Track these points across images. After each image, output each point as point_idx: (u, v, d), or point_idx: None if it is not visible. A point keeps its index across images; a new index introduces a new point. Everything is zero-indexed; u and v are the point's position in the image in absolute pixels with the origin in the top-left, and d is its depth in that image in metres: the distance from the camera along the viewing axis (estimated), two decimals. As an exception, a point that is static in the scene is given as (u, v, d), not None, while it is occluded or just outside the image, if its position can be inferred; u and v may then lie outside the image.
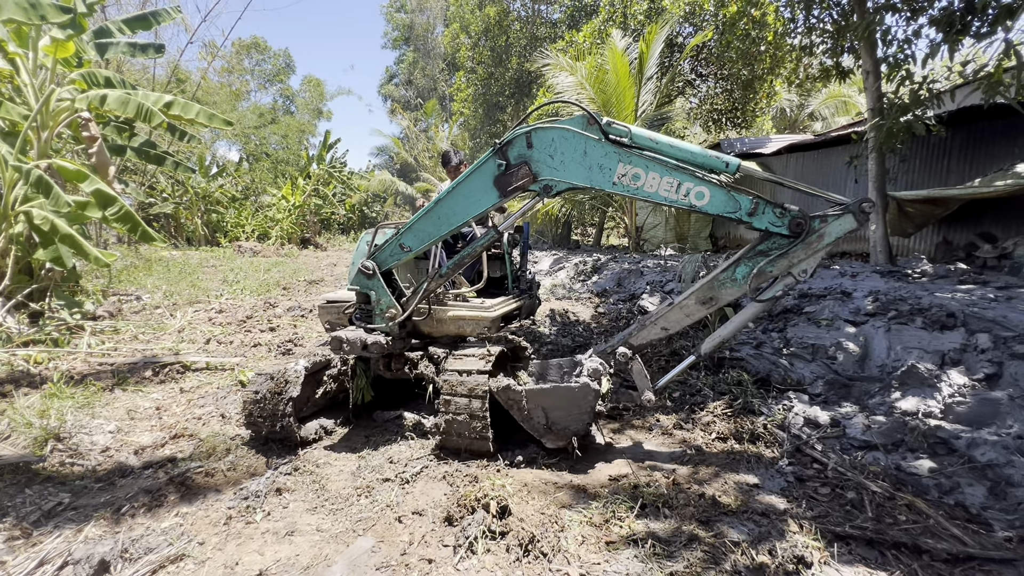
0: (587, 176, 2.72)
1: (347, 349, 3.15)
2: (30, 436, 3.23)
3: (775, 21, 11.43)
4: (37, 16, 5.02)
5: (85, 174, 5.84)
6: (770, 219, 2.61)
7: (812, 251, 2.63)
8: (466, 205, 2.93)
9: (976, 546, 2.15)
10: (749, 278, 2.70)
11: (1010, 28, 4.89)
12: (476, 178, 2.87)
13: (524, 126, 2.78)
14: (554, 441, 2.98)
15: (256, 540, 2.34)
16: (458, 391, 2.98)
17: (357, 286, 3.28)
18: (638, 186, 2.66)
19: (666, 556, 2.14)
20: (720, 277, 2.80)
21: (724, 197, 2.60)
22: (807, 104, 23.48)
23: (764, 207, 2.59)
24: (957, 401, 3.33)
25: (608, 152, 2.66)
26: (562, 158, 2.73)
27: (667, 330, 3.00)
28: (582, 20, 18.70)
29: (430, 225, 3.03)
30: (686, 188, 2.61)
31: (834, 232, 2.60)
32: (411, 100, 39.01)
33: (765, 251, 2.70)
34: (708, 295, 2.85)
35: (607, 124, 2.66)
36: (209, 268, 12.01)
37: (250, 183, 24.05)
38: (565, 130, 2.71)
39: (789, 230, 2.60)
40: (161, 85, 16.65)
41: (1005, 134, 7.82)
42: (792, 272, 2.67)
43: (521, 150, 2.77)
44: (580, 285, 10.27)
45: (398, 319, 3.24)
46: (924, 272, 6.31)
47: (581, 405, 2.86)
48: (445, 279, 3.32)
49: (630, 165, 2.65)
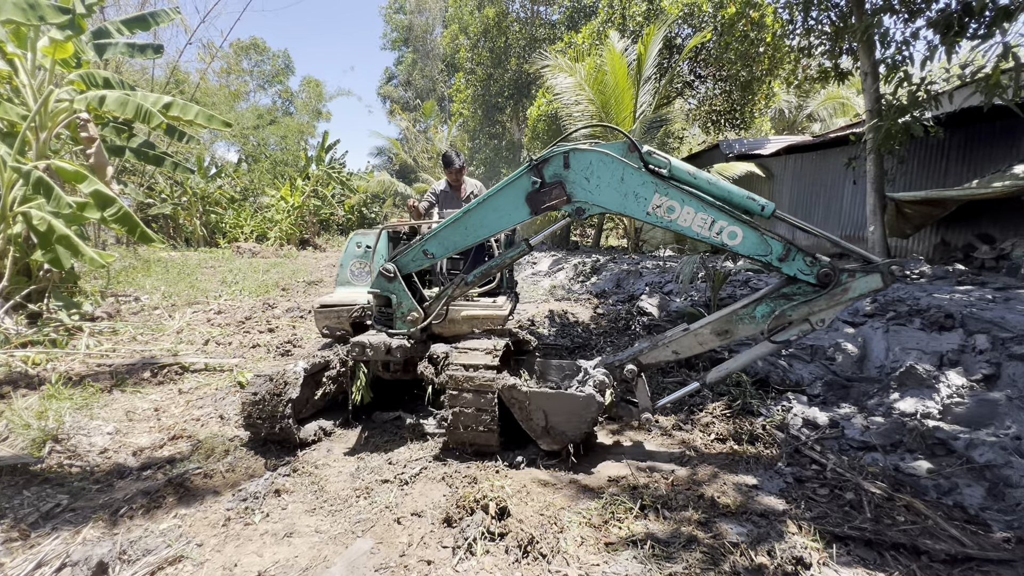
0: (621, 203, 2.71)
1: (371, 354, 3.14)
2: (28, 437, 3.22)
3: (773, 23, 11.46)
4: (36, 17, 5.02)
5: (84, 175, 5.83)
6: (800, 267, 2.63)
7: (834, 303, 2.64)
8: (495, 218, 2.91)
9: (975, 547, 2.15)
10: (768, 318, 2.72)
11: (1007, 30, 4.91)
12: (508, 192, 2.84)
13: (563, 145, 2.75)
14: (550, 444, 2.99)
15: (255, 541, 2.34)
16: (465, 386, 2.97)
17: (377, 288, 3.24)
18: (672, 219, 2.66)
19: (665, 557, 2.14)
20: (740, 312, 2.82)
21: (757, 239, 2.61)
22: (806, 105, 23.55)
23: (795, 254, 2.61)
24: (955, 402, 3.33)
25: (646, 181, 2.65)
26: (598, 182, 2.71)
27: (678, 354, 3.02)
28: (581, 21, 18.73)
29: (457, 235, 3.00)
30: (720, 226, 2.62)
31: (860, 288, 2.60)
32: (410, 101, 39.03)
33: (788, 295, 2.72)
34: (724, 327, 2.87)
35: (647, 153, 2.67)
36: (208, 269, 12.00)
37: (249, 184, 24.03)
38: (605, 154, 2.68)
39: (816, 279, 2.61)
40: (160, 86, 16.65)
41: (1003, 135, 7.85)
42: (810, 319, 2.69)
43: (558, 169, 2.74)
44: (579, 286, 10.27)
45: (420, 323, 3.20)
46: (922, 273, 6.32)
47: (583, 414, 2.87)
48: (471, 287, 3.31)
49: (666, 197, 2.64)
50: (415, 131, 31.55)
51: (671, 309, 6.62)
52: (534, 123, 17.19)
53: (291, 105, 38.88)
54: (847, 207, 10.55)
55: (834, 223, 10.88)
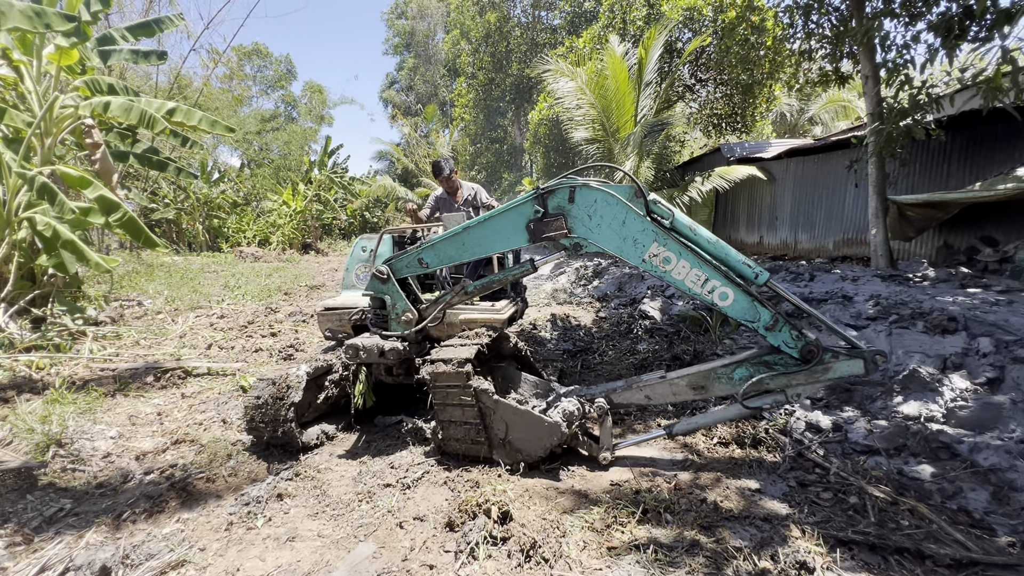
0: (619, 246, 2.72)
1: (364, 356, 3.14)
2: (32, 442, 3.24)
3: (774, 26, 11.49)
4: (42, 24, 5.07)
5: (88, 180, 5.87)
6: (785, 338, 2.64)
7: (813, 380, 2.66)
8: (494, 240, 2.94)
9: (979, 551, 2.14)
10: (745, 383, 2.73)
11: (1008, 34, 4.91)
12: (510, 216, 2.87)
13: (571, 179, 2.77)
14: (502, 456, 2.97)
15: (257, 546, 2.34)
16: (441, 383, 2.95)
17: (372, 291, 3.26)
18: (667, 270, 2.67)
19: (668, 562, 2.13)
20: (718, 371, 2.84)
21: (747, 304, 2.62)
22: (807, 109, 23.55)
23: (783, 326, 2.61)
24: (959, 405, 3.32)
25: (647, 228, 2.65)
26: (599, 221, 2.73)
27: (650, 399, 3.06)
28: (582, 26, 18.82)
29: (453, 249, 3.04)
30: (712, 285, 2.62)
31: (840, 371, 2.62)
32: (412, 106, 39.18)
33: (770, 363, 2.73)
34: (701, 383, 2.89)
35: (653, 202, 2.69)
36: (211, 273, 12.04)
37: (251, 189, 24.13)
38: (610, 195, 2.69)
39: (799, 354, 2.62)
40: (164, 91, 16.76)
41: (1005, 138, 7.84)
42: (786, 391, 2.71)
43: (562, 202, 2.76)
44: (581, 290, 10.27)
45: (414, 326, 3.21)
46: (925, 276, 6.31)
47: (543, 439, 2.85)
48: (470, 297, 3.33)
49: (664, 248, 2.65)
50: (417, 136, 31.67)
51: (673, 313, 6.61)
52: (535, 127, 17.26)
53: (294, 110, 39.08)
54: (849, 210, 10.53)
55: (836, 226, 10.87)
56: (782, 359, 2.69)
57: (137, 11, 17.73)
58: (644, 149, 12.77)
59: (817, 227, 11.35)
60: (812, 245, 11.43)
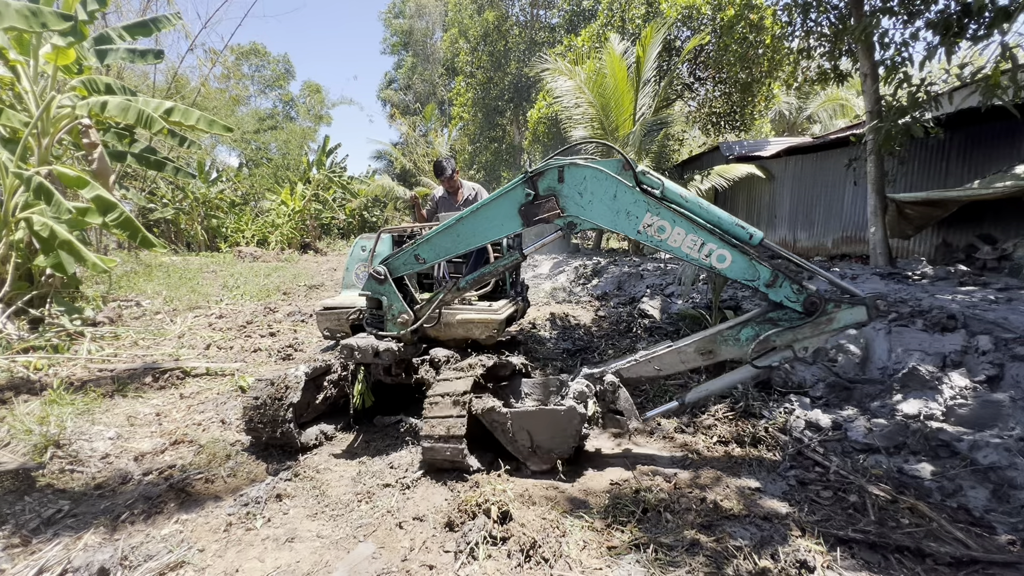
0: (613, 220, 2.74)
1: (359, 357, 3.13)
2: (30, 443, 3.22)
3: (772, 24, 11.49)
4: (38, 24, 5.04)
5: (86, 180, 5.85)
6: (786, 293, 2.66)
7: (819, 332, 2.68)
8: (487, 228, 2.94)
9: (979, 549, 2.14)
10: (752, 342, 2.74)
11: (1006, 31, 4.91)
12: (502, 203, 2.87)
13: (558, 159, 2.77)
14: (538, 464, 2.93)
15: (256, 547, 2.33)
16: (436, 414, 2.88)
17: (368, 291, 3.25)
18: (662, 238, 2.69)
19: (668, 561, 2.13)
20: (724, 333, 2.84)
21: (745, 264, 2.65)
22: (805, 107, 23.57)
23: (783, 281, 2.63)
24: (959, 403, 3.32)
25: (638, 200, 2.67)
26: (591, 198, 2.74)
27: (660, 371, 3.04)
28: (580, 25, 18.80)
29: (448, 241, 3.03)
30: (709, 248, 2.65)
31: (844, 320, 2.64)
32: (410, 105, 39.11)
33: (774, 320, 2.74)
34: (708, 347, 2.88)
35: (642, 173, 2.71)
36: (209, 273, 12.01)
37: (250, 188, 24.09)
38: (599, 171, 2.71)
39: (802, 307, 2.65)
40: (161, 91, 16.72)
41: (1004, 136, 7.85)
42: (793, 347, 2.71)
43: (552, 183, 2.77)
44: (580, 289, 10.27)
45: (410, 326, 3.20)
46: (924, 274, 6.31)
47: (567, 428, 2.82)
48: (463, 292, 3.31)
49: (657, 216, 2.67)
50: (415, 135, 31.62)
51: (672, 311, 6.61)
52: (534, 126, 17.22)
53: (292, 109, 39.00)
54: (848, 208, 10.54)
55: (835, 224, 10.87)
56: (786, 314, 2.71)
57: (134, 10, 17.69)
58: (643, 148, 12.76)
59: (816, 225, 11.36)
60: (811, 243, 11.44)
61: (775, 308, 2.73)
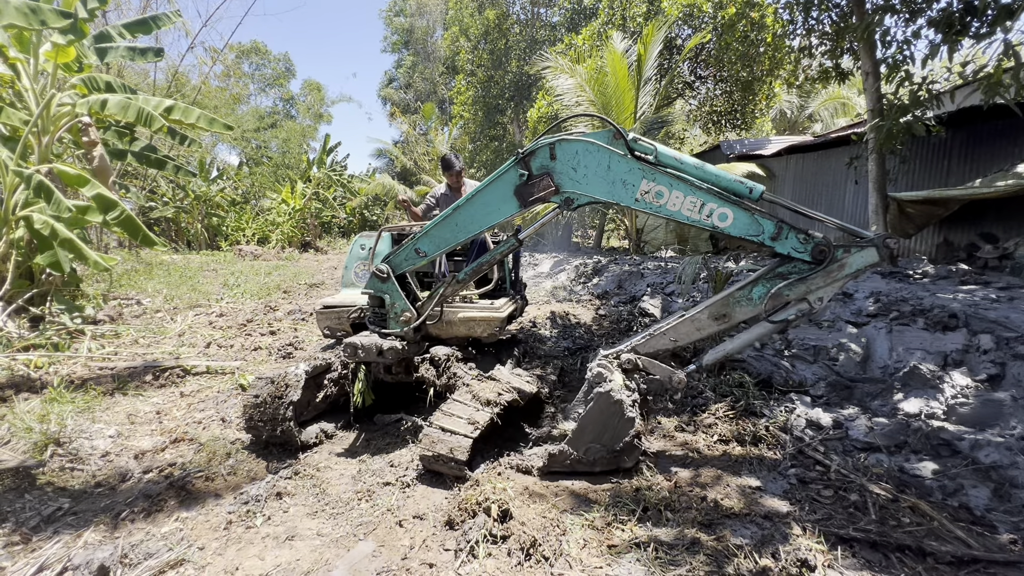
0: (609, 191, 2.71)
1: (362, 355, 3.14)
2: (30, 441, 3.22)
3: (774, 23, 11.45)
4: (38, 21, 5.04)
5: (86, 178, 5.85)
6: (793, 244, 2.62)
7: (831, 279, 2.62)
8: (485, 213, 2.92)
9: (980, 548, 2.13)
10: (765, 299, 2.70)
11: (1009, 29, 4.89)
12: (497, 187, 2.85)
13: (548, 137, 2.75)
14: (624, 462, 2.86)
15: (256, 545, 2.33)
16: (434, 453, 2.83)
17: (371, 289, 3.25)
18: (661, 204, 2.66)
19: (669, 560, 2.13)
20: (736, 295, 2.79)
21: (748, 219, 2.61)
22: (807, 106, 23.53)
23: (788, 232, 2.60)
24: (960, 402, 3.31)
25: (632, 168, 2.65)
26: (585, 171, 2.72)
27: (676, 342, 2.98)
28: (581, 23, 18.75)
29: (447, 231, 3.02)
30: (709, 208, 2.61)
31: (856, 263, 2.58)
32: (410, 103, 39.08)
33: (784, 274, 2.69)
34: (722, 311, 2.83)
35: (633, 140, 2.67)
36: (209, 272, 12.01)
37: (250, 187, 24.07)
38: (590, 143, 2.68)
39: (811, 257, 2.60)
40: (161, 89, 16.70)
41: (1005, 134, 7.82)
42: (808, 298, 2.66)
43: (544, 161, 2.75)
44: (581, 287, 10.26)
45: (413, 323, 3.20)
46: (925, 273, 6.30)
47: (609, 414, 2.76)
48: (462, 285, 3.30)
49: (654, 182, 2.64)
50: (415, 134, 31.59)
51: (673, 310, 6.60)
52: (535, 124, 17.20)
53: (292, 108, 38.98)
54: (849, 207, 10.52)
55: (836, 223, 10.86)
56: (795, 266, 2.66)
57: (134, 8, 17.68)
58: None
59: (817, 224, 11.34)
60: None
61: (784, 261, 2.69)
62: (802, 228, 2.60)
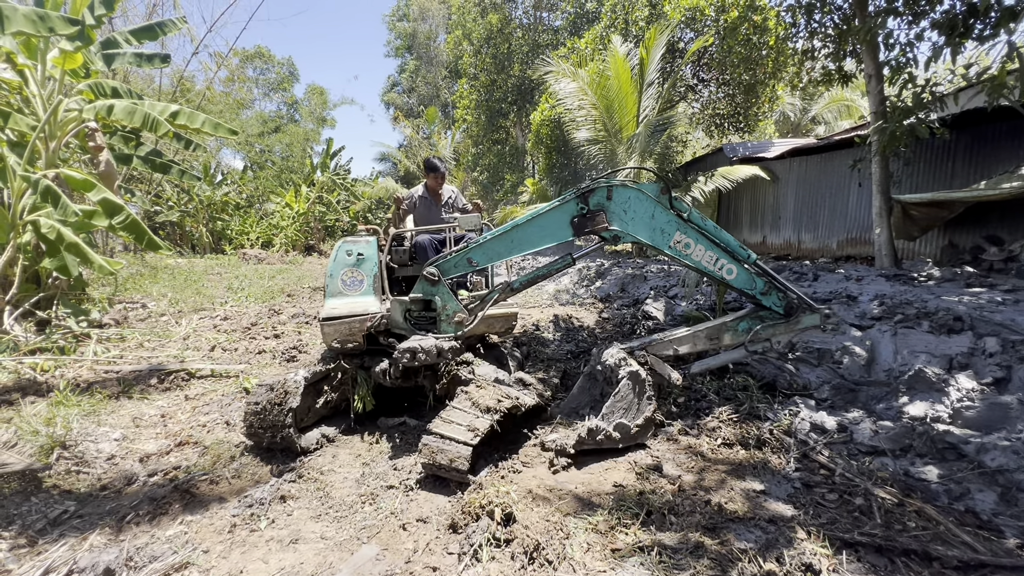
0: (651, 235, 3.23)
1: (424, 358, 3.19)
2: (36, 444, 3.24)
3: (776, 26, 11.45)
4: (46, 28, 5.09)
5: (92, 183, 5.89)
6: (774, 300, 3.50)
7: (790, 330, 3.55)
8: (541, 236, 3.27)
9: (987, 553, 2.12)
10: (748, 333, 3.58)
11: (1013, 31, 4.89)
12: (556, 214, 3.22)
13: (608, 180, 3.21)
14: (639, 438, 3.27)
15: (260, 548, 2.34)
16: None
17: (419, 292, 3.40)
18: (688, 253, 3.30)
19: (673, 564, 2.12)
20: (728, 324, 3.62)
21: (747, 277, 3.41)
22: (809, 108, 23.50)
23: (772, 290, 3.46)
24: (966, 406, 3.29)
25: (671, 220, 3.22)
26: (633, 215, 3.21)
27: (677, 351, 3.64)
28: (584, 27, 18.83)
29: (501, 246, 3.30)
30: (722, 263, 3.35)
31: (806, 323, 3.51)
32: (413, 107, 39.23)
33: (762, 318, 3.58)
34: (715, 334, 3.65)
35: (675, 198, 3.22)
36: (214, 275, 12.07)
37: (254, 191, 24.19)
38: (642, 192, 3.20)
39: (783, 310, 3.50)
40: (167, 95, 16.83)
41: (1010, 136, 7.79)
42: (771, 339, 3.59)
43: (601, 199, 3.18)
44: (584, 290, 10.25)
45: (467, 325, 3.37)
46: (930, 275, 6.27)
47: (629, 403, 3.22)
48: (515, 293, 3.52)
49: (685, 235, 3.26)
50: (419, 137, 31.71)
51: (676, 313, 6.59)
52: (537, 128, 17.24)
53: (296, 112, 39.19)
54: (852, 210, 10.48)
55: (840, 226, 10.81)
56: (770, 314, 3.55)
57: (140, 15, 17.83)
58: (647, 149, 12.75)
59: (821, 227, 11.29)
60: (816, 245, 11.38)
61: (763, 309, 3.52)
62: (782, 289, 3.44)
